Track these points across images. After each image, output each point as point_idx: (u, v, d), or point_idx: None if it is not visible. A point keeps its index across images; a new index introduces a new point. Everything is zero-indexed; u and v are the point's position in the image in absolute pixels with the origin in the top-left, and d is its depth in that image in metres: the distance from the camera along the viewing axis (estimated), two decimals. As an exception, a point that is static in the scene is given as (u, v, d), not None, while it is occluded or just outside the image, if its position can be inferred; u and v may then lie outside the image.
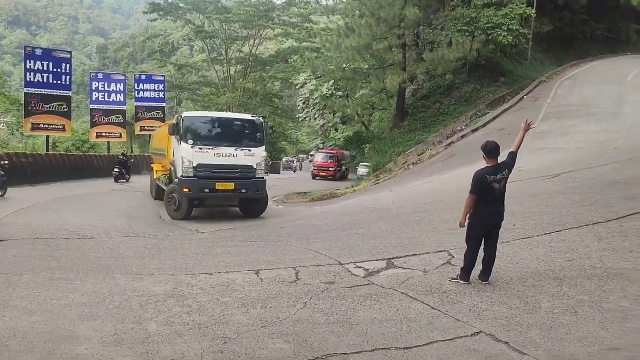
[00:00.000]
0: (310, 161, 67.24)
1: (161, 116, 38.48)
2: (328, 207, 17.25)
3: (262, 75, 55.57)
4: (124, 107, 37.84)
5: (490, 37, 29.35)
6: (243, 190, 14.29)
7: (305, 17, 53.84)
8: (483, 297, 6.12)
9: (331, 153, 43.62)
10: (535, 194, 12.15)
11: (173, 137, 14.80)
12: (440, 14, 33.70)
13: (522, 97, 30.85)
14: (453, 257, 7.82)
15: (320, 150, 47.19)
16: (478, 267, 6.69)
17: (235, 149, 14.22)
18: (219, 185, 14.02)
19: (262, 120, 15.10)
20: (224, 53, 55.79)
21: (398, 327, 5.34)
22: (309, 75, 40.41)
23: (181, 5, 52.38)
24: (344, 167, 44.37)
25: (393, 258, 8.07)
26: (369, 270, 7.50)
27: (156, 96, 39.01)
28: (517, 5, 30.27)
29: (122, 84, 37.29)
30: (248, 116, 15.58)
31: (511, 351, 4.73)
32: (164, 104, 40.18)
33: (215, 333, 5.24)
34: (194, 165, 13.92)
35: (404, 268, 7.51)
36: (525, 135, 7.01)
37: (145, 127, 37.80)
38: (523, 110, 27.20)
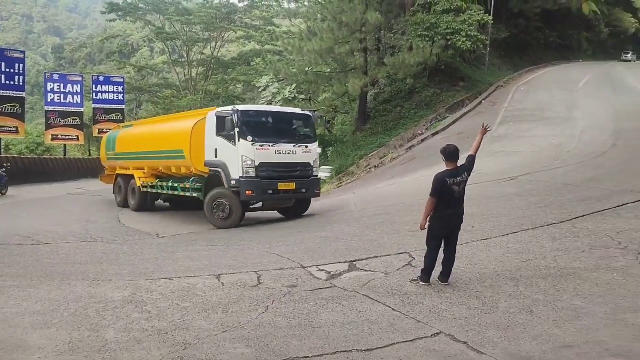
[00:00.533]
0: None
1: (120, 118, 37.75)
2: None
3: (224, 77, 55.15)
4: (81, 109, 36.96)
5: (449, 43, 29.90)
6: (303, 190, 13.40)
7: (267, 20, 53.76)
8: (443, 298, 6.22)
9: None
10: (493, 196, 12.45)
11: (214, 134, 13.22)
12: (401, 19, 34.15)
13: (481, 101, 31.54)
14: (414, 258, 7.93)
15: None
16: (438, 268, 6.79)
17: (293, 146, 13.35)
18: (282, 186, 12.94)
19: (314, 114, 14.71)
20: (185, 55, 55.14)
21: (359, 329, 5.37)
22: (272, 78, 40.26)
23: (141, 5, 51.54)
24: None
25: (355, 260, 8.12)
26: (331, 273, 7.52)
27: (115, 98, 38.28)
28: (474, 12, 30.96)
29: (79, 85, 36.44)
30: (300, 110, 14.89)
31: (470, 351, 4.82)
32: (123, 106, 39.44)
33: (175, 339, 5.16)
34: (256, 164, 12.65)
35: (366, 270, 7.57)
36: (483, 139, 7.18)
37: (104, 130, 36.93)
38: (481, 115, 27.80)
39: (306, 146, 13.61)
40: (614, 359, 4.55)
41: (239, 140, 12.72)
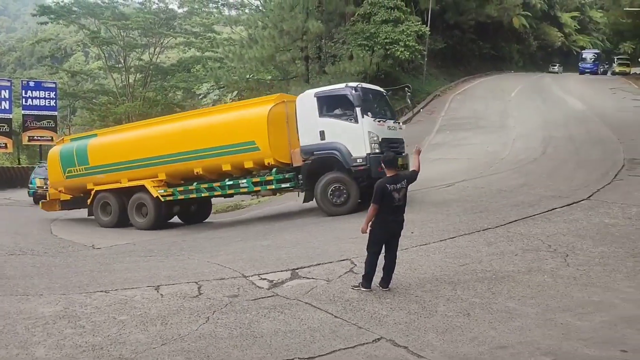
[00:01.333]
0: None
1: (52, 125, 36.24)
2: (232, 219, 17.03)
3: (164, 84, 53.96)
4: (10, 116, 35.23)
5: (388, 52, 30.54)
6: (404, 165, 12.81)
7: (207, 27, 53.05)
8: (384, 304, 6.31)
9: None
10: (432, 202, 12.77)
11: (318, 117, 12.54)
12: (342, 28, 34.60)
13: (419, 110, 32.35)
14: (355, 265, 8.00)
15: None
16: (379, 274, 6.88)
17: (394, 122, 13.24)
18: (400, 161, 12.18)
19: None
20: (122, 61, 53.58)
21: (302, 338, 5.37)
22: (212, 86, 39.86)
23: (74, 9, 49.72)
24: None
25: (297, 268, 8.11)
26: (274, 282, 7.48)
27: (47, 104, 36.68)
28: (412, 23, 31.81)
29: (7, 90, 34.75)
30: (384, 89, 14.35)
31: (410, 355, 4.91)
32: (55, 113, 37.86)
33: (111, 354, 4.99)
34: (380, 140, 12.15)
35: (308, 278, 7.57)
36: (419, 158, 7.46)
37: (35, 137, 35.43)
38: (420, 123, 28.53)
39: (399, 122, 13.94)
40: (545, 358, 4.76)
41: (363, 117, 12.18)
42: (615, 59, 58.08)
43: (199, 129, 14.13)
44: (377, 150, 12.06)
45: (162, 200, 14.38)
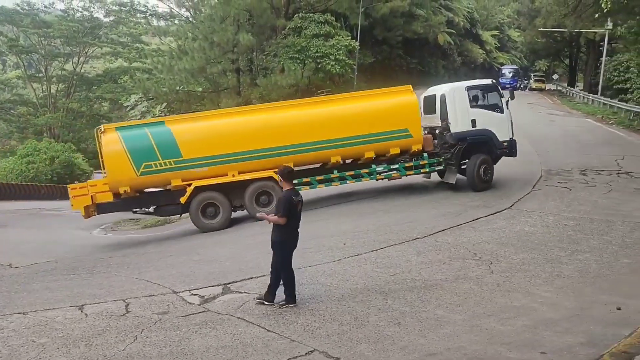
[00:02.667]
0: None
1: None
2: (163, 234, 16.57)
3: (89, 95, 51.99)
4: None
5: (319, 66, 30.93)
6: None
7: (135, 37, 51.80)
8: (317, 316, 6.34)
9: None
10: (364, 213, 12.99)
11: (469, 107, 14.26)
12: (273, 41, 34.73)
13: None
14: (289, 278, 7.98)
15: (99, 172, 40.36)
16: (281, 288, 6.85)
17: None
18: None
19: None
20: (43, 70, 51.19)
21: (234, 353, 5.30)
22: (141, 97, 38.80)
23: (-9, 15, 47.21)
24: None
25: (230, 283, 8.00)
26: (205, 297, 7.34)
27: (-41, 115, 34.45)
28: (342, 37, 32.40)
29: None
30: None
31: (343, 366, 4.95)
32: (-32, 124, 35.61)
33: (31, 380, 4.72)
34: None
35: (241, 292, 7.49)
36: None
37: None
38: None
39: None
40: (471, 363, 4.93)
41: (507, 108, 14.61)
42: (532, 75, 61.64)
43: (341, 117, 13.94)
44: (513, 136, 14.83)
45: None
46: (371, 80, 47.32)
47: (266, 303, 6.74)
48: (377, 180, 14.51)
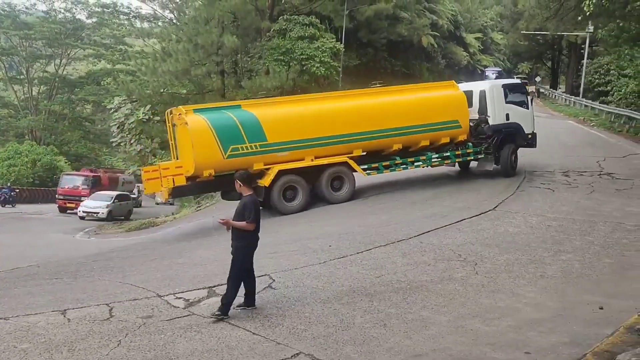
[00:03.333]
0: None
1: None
2: (147, 237, 16.47)
3: (71, 97, 51.46)
4: None
5: (304, 68, 30.91)
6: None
7: (118, 39, 51.38)
8: (302, 318, 6.32)
9: (87, 175, 35.44)
10: (349, 215, 13.01)
11: (504, 102, 15.99)
12: (258, 43, 34.64)
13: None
14: (274, 280, 7.96)
15: (68, 174, 36.62)
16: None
17: None
18: None
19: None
20: (24, 72, 50.55)
21: (220, 357, 5.26)
22: (124, 99, 38.37)
23: (-30, 16, 46.55)
24: None
25: (215, 286, 7.93)
26: (190, 301, 7.27)
27: (-63, 117, 33.89)
28: (327, 40, 32.43)
29: None
30: None
31: (329, 368, 4.94)
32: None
33: (12, 387, 4.64)
34: None
35: (226, 295, 7.43)
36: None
37: None
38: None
39: None
40: (457, 364, 4.96)
41: (531, 105, 16.89)
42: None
43: (404, 107, 15.08)
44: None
45: (365, 175, 14.92)
46: (356, 83, 47.37)
47: (248, 308, 6.63)
48: (431, 166, 16.23)
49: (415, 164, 15.36)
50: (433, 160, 15.51)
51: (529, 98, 16.84)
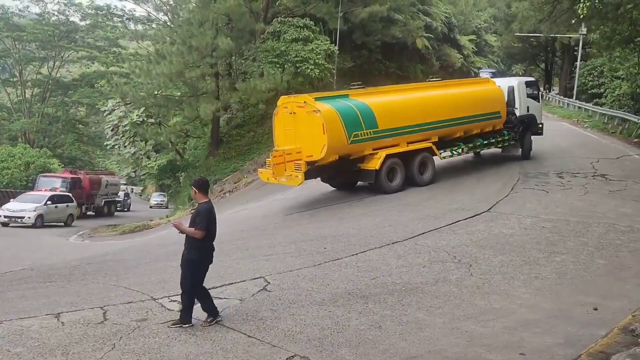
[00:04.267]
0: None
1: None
2: (141, 240, 16.41)
3: (65, 100, 51.21)
4: None
5: (299, 70, 30.89)
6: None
7: (112, 41, 51.15)
8: (297, 321, 6.31)
9: (66, 177, 32.15)
10: (344, 217, 13.00)
11: (526, 97, 18.88)
12: (252, 45, 34.60)
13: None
14: (269, 283, 7.95)
15: (45, 175, 33.32)
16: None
17: None
18: None
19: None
20: (17, 74, 50.30)
21: (214, 359, 5.24)
22: (118, 102, 38.28)
23: (-37, 19, 46.27)
24: (98, 200, 35.45)
25: (210, 289, 7.88)
26: (185, 304, 7.24)
27: None
28: (322, 42, 32.43)
29: None
30: None
31: (324, 370, 4.93)
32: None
33: (5, 391, 4.60)
34: None
35: (221, 298, 7.41)
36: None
37: None
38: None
39: None
40: (452, 365, 4.96)
41: (542, 98, 20.85)
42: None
43: (464, 99, 17.24)
44: None
45: (441, 159, 17.01)
46: (350, 85, 47.57)
47: (185, 325, 6.18)
48: (479, 151, 19.09)
49: (472, 149, 17.80)
50: (484, 145, 17.89)
51: (540, 93, 20.11)
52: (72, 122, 52.34)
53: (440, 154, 16.50)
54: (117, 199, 40.21)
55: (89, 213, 34.07)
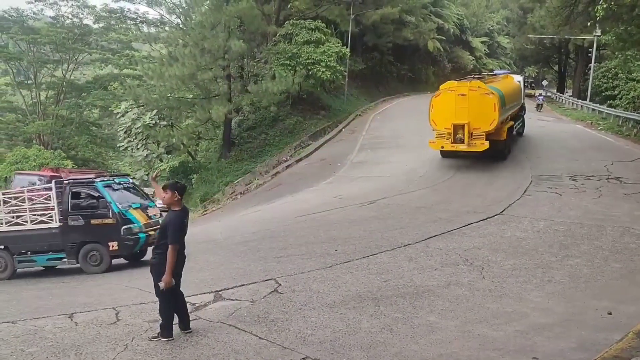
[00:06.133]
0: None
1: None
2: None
3: (78, 102, 51.66)
4: None
5: (310, 72, 30.93)
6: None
7: (125, 43, 51.56)
8: (309, 323, 6.31)
9: (43, 175, 27.42)
10: (354, 220, 12.97)
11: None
12: (264, 48, 34.72)
13: (341, 129, 32.92)
14: (280, 284, 7.96)
15: (21, 173, 30.28)
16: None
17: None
18: None
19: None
20: (32, 77, 50.83)
21: (226, 362, 5.25)
22: (131, 104, 38.51)
23: (-22, 22, 46.83)
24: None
25: (221, 290, 7.95)
26: (196, 305, 7.29)
27: (-55, 122, 34.08)
28: (333, 44, 32.44)
29: None
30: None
31: (335, 373, 4.92)
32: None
33: (19, 390, 4.65)
34: None
35: (232, 300, 7.45)
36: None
37: None
38: (342, 142, 29.01)
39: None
40: (464, 369, 4.92)
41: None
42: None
43: (518, 89, 23.62)
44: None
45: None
46: (362, 87, 47.48)
47: (163, 339, 5.85)
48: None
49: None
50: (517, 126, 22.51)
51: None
52: (86, 124, 52.73)
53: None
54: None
55: None
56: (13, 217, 11.15)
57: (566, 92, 57.69)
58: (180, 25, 38.94)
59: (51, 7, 49.14)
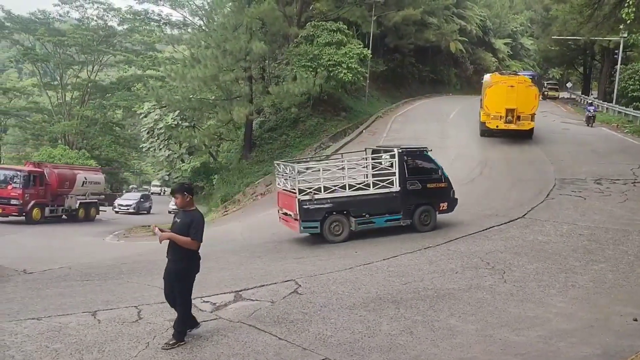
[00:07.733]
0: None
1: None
2: (174, 241, 16.64)
3: (103, 102, 52.47)
4: None
5: (331, 74, 30.93)
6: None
7: (149, 45, 52.25)
8: (328, 324, 6.31)
9: (21, 170, 25.23)
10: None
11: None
12: (285, 49, 34.84)
13: (362, 131, 32.84)
14: (300, 285, 7.97)
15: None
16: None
17: None
18: None
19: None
20: (58, 78, 51.77)
21: (246, 361, 5.27)
22: (154, 105, 38.95)
23: (7, 24, 47.79)
24: (70, 201, 28.27)
25: (241, 290, 7.99)
26: (217, 305, 7.34)
27: (-25, 122, 34.85)
28: (355, 46, 32.40)
29: None
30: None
31: (354, 375, 4.90)
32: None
33: (44, 386, 4.73)
34: None
35: (252, 300, 7.48)
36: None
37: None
38: (363, 143, 28.89)
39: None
40: (485, 373, 4.87)
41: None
42: (545, 84, 61.14)
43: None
44: None
45: None
46: (383, 88, 47.35)
47: (180, 344, 5.74)
48: None
49: None
50: None
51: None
52: (110, 125, 53.55)
53: None
54: (98, 200, 32.46)
55: (63, 217, 28.16)
56: (356, 183, 12.06)
57: (591, 94, 56.74)
58: (203, 27, 39.28)
59: (77, 10, 50.04)
